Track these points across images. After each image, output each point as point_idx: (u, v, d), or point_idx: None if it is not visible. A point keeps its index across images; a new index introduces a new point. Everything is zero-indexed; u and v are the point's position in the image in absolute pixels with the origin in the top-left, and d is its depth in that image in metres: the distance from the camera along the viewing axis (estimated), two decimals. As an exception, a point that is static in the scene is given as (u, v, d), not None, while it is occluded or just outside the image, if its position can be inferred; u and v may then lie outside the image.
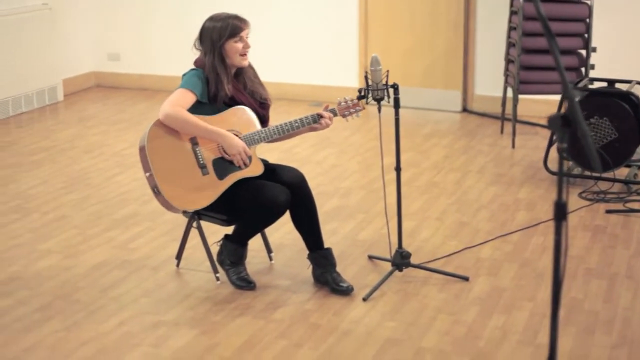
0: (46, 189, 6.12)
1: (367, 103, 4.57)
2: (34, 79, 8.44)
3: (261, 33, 8.71)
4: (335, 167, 6.57)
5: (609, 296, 4.41)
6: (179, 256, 4.80)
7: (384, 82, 4.48)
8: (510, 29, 7.25)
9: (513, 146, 7.01)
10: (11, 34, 8.15)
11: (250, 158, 4.38)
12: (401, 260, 4.58)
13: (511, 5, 7.21)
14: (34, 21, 8.41)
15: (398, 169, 4.57)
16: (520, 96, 7.31)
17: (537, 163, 6.50)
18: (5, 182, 6.28)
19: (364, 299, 4.37)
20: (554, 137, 6.03)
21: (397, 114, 4.51)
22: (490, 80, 8.02)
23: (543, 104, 7.60)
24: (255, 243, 4.88)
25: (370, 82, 4.48)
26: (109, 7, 9.32)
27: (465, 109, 8.23)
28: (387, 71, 4.53)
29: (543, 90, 7.03)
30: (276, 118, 4.54)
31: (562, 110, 2.78)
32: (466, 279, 4.60)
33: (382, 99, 4.47)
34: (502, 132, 7.42)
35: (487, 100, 8.11)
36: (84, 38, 9.32)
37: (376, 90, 4.46)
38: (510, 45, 7.23)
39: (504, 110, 7.42)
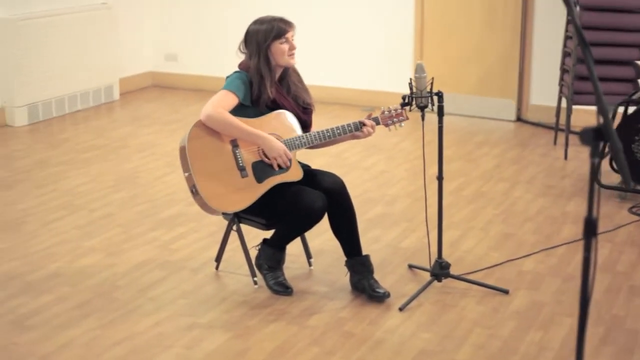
0: (95, 187, 6.18)
1: (410, 110, 4.53)
2: (91, 77, 8.55)
3: (315, 37, 8.74)
4: (383, 174, 6.54)
5: (652, 315, 4.32)
6: (218, 259, 4.81)
7: (428, 89, 4.42)
8: (567, 37, 7.15)
9: (565, 157, 6.90)
10: (70, 32, 8.26)
11: (290, 162, 4.37)
12: (440, 270, 4.54)
13: (568, 13, 7.10)
14: (93, 20, 8.52)
15: (440, 178, 4.52)
16: (575, 107, 7.21)
17: (587, 175, 6.39)
18: (57, 179, 6.36)
19: (400, 309, 4.34)
20: (606, 150, 5.95)
21: (440, 122, 4.47)
22: (546, 89, 7.92)
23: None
24: (295, 248, 4.88)
25: (414, 90, 4.42)
26: (168, 7, 9.40)
27: (519, 119, 8.13)
28: (432, 79, 4.48)
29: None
30: (328, 122, 4.53)
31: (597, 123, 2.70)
32: (506, 292, 4.53)
33: (425, 106, 4.43)
34: (555, 143, 7.32)
35: (542, 110, 8.00)
36: (142, 38, 9.42)
37: (420, 97, 4.41)
38: (565, 54, 7.12)
39: (557, 120, 7.32)
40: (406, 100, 4.45)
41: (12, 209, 5.76)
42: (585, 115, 7.48)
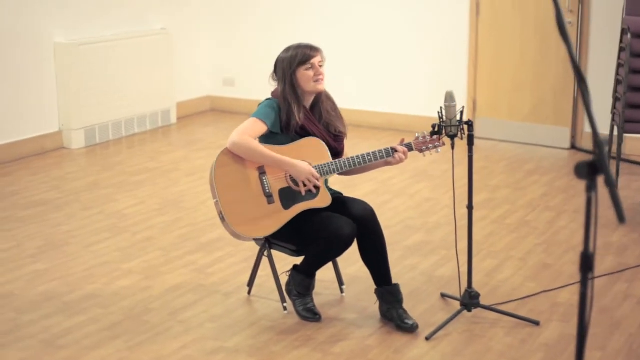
0: (141, 210, 6.28)
1: (439, 139, 4.50)
2: (149, 101, 8.70)
3: (371, 63, 8.76)
4: (428, 201, 6.51)
5: (685, 350, 4.22)
6: (250, 284, 4.84)
7: (458, 118, 4.40)
8: (619, 65, 7.04)
9: (616, 186, 6.78)
10: (128, 57, 8.43)
11: (318, 187, 4.38)
12: (470, 300, 4.50)
13: (620, 41, 7.00)
14: (152, 45, 8.68)
15: (470, 207, 4.48)
16: (628, 135, 7.10)
17: (638, 205, 6.27)
18: (105, 202, 6.48)
19: (427, 338, 4.31)
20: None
21: (470, 151, 4.41)
22: (601, 117, 7.78)
23: (654, 144, 7.35)
24: (328, 274, 4.90)
25: (444, 118, 4.40)
26: (226, 32, 9.53)
27: (573, 147, 8.03)
28: (463, 107, 4.45)
29: (650, 130, 6.79)
30: (379, 147, 4.51)
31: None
32: (537, 323, 4.47)
33: (455, 135, 4.39)
34: (607, 171, 7.19)
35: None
36: (200, 62, 9.56)
37: (450, 126, 4.39)
38: (618, 82, 7.01)
39: (610, 149, 7.20)
40: (435, 129, 4.43)
41: (57, 230, 5.88)
42: (639, 143, 7.36)
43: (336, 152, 4.55)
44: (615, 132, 7.02)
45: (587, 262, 2.64)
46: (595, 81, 7.83)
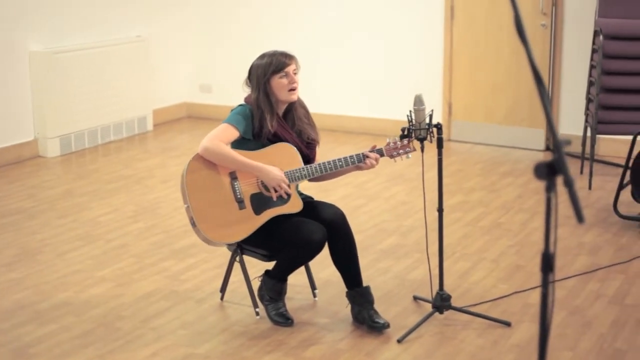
0: (115, 218, 6.27)
1: (409, 143, 4.51)
2: (124, 108, 8.69)
3: (345, 68, 8.78)
4: (403, 204, 6.52)
5: (656, 349, 4.24)
6: (223, 289, 4.84)
7: (427, 121, 4.41)
8: (591, 67, 7.09)
9: (590, 187, 6.82)
10: (104, 65, 8.42)
11: (289, 194, 4.39)
12: (441, 302, 4.51)
13: (593, 43, 7.05)
14: (127, 53, 8.67)
15: (440, 210, 4.50)
16: (602, 136, 7.15)
17: (610, 206, 6.30)
18: (79, 210, 6.46)
19: (399, 341, 4.32)
20: (625, 180, 5.87)
21: (440, 154, 4.43)
22: (575, 119, 7.84)
23: (627, 144, 7.36)
24: (301, 279, 4.90)
25: (413, 122, 4.41)
26: (203, 38, 9.53)
27: (548, 148, 8.06)
28: (432, 110, 4.47)
29: (622, 131, 6.83)
30: (357, 152, 4.51)
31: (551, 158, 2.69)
32: (508, 324, 4.49)
33: (424, 138, 4.40)
34: (581, 172, 7.24)
35: (572, 140, 7.90)
36: (177, 69, 9.56)
37: (419, 129, 4.40)
38: (591, 83, 7.06)
39: (584, 150, 7.25)
40: (405, 133, 4.44)
41: (31, 239, 5.86)
42: (613, 144, 7.40)
43: (308, 159, 4.55)
44: (589, 133, 7.06)
45: (547, 263, 2.66)
46: (569, 83, 7.88)
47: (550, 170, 2.62)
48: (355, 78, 8.84)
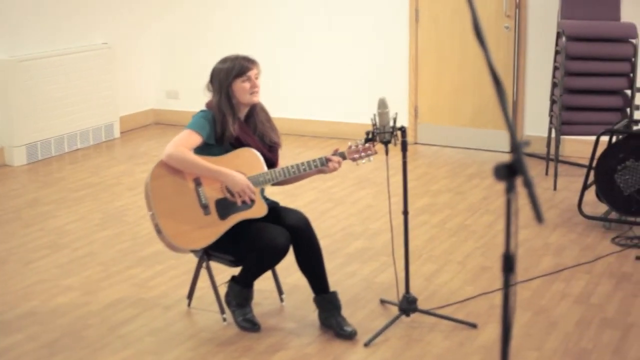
0: (82, 226, 6.24)
1: (373, 146, 4.53)
2: (91, 116, 8.66)
3: (309, 71, 8.80)
4: (369, 208, 6.54)
5: (620, 348, 4.28)
6: (190, 296, 4.83)
7: (391, 124, 4.43)
8: (555, 68, 7.15)
9: (555, 188, 6.88)
10: (70, 72, 8.38)
11: (253, 199, 4.39)
12: (408, 305, 4.53)
13: (556, 44, 7.11)
14: (93, 60, 8.64)
15: (405, 212, 4.52)
16: (567, 137, 7.21)
17: (575, 206, 6.35)
18: (45, 218, 6.43)
19: (366, 345, 4.33)
20: (589, 180, 5.92)
21: (404, 157, 4.45)
22: (539, 120, 7.90)
23: (591, 145, 7.42)
24: (268, 284, 4.90)
25: (377, 125, 4.43)
26: (169, 45, 9.51)
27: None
28: (396, 113, 4.49)
29: (586, 131, 6.89)
30: (322, 155, 4.52)
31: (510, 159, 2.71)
32: (474, 326, 4.51)
33: (389, 142, 4.42)
34: (547, 173, 7.30)
35: (536, 141, 7.95)
36: (143, 76, 9.54)
37: (383, 133, 4.42)
38: (554, 85, 7.12)
39: (548, 151, 7.30)
40: (369, 136, 4.46)
41: (-3, 248, 5.83)
42: (577, 144, 7.47)
43: (270, 163, 4.56)
44: (553, 134, 7.12)
45: (508, 263, 2.68)
46: (533, 85, 7.94)
47: (509, 171, 2.64)
48: (321, 82, 8.85)
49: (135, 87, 9.45)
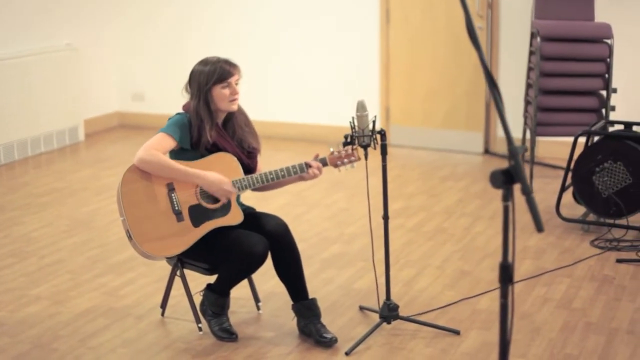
0: (49, 232, 6.06)
1: (352, 150, 4.41)
2: (55, 119, 8.46)
3: (280, 73, 8.68)
4: (344, 212, 6.43)
5: (606, 353, 4.20)
6: (163, 305, 4.68)
7: (370, 127, 4.31)
8: (529, 69, 7.08)
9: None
10: (34, 74, 8.18)
11: (229, 204, 4.25)
12: (389, 312, 4.42)
13: (530, 45, 7.04)
14: (57, 62, 8.45)
15: (386, 217, 4.41)
16: (542, 138, 7.15)
17: (552, 208, 6.27)
18: (10, 225, 6.24)
19: (347, 353, 4.21)
20: (567, 182, 5.85)
21: (384, 160, 4.34)
22: (513, 121, 7.82)
23: (567, 146, 7.37)
24: (244, 291, 4.77)
25: (356, 128, 4.31)
26: (134, 47, 9.34)
27: (487, 151, 8.04)
28: (375, 116, 4.37)
29: (561, 132, 6.83)
30: (296, 159, 4.39)
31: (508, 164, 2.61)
32: (457, 332, 4.41)
33: (368, 145, 4.30)
34: (521, 175, 7.20)
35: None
36: (108, 78, 9.35)
37: (362, 136, 4.30)
38: (528, 86, 7.05)
39: (523, 152, 7.22)
40: (348, 140, 4.34)
41: (-40, 257, 5.64)
42: (551, 146, 7.41)
43: (249, 169, 4.42)
44: (528, 136, 7.05)
45: (506, 273, 2.57)
46: (507, 85, 7.85)
47: (506, 178, 2.54)
48: (292, 84, 8.72)
49: (100, 89, 9.26)
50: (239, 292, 4.73)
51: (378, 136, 4.32)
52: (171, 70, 9.11)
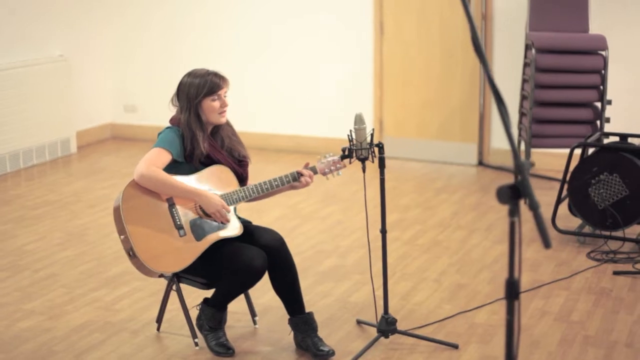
0: (42, 245, 6.02)
1: (350, 163, 4.39)
2: (47, 130, 8.41)
3: (273, 84, 8.65)
4: (339, 224, 6.40)
5: (605, 367, 4.18)
6: (159, 320, 4.64)
7: (368, 140, 4.29)
8: (524, 81, 7.07)
9: (526, 202, 6.76)
10: (26, 85, 8.14)
11: (228, 219, 4.22)
12: (387, 326, 4.39)
13: (525, 57, 7.03)
14: (49, 73, 8.40)
15: (383, 231, 4.38)
16: (537, 150, 7.13)
17: (548, 220, 6.25)
18: (3, 238, 6.19)
19: (345, 368, 4.18)
20: (563, 194, 5.84)
21: (382, 174, 4.32)
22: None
23: (562, 158, 7.35)
24: (240, 306, 4.73)
25: (354, 141, 4.29)
26: (126, 58, 9.30)
27: (481, 163, 8.03)
28: (373, 129, 4.35)
29: (557, 144, 6.83)
30: (287, 171, 4.37)
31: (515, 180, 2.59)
32: (456, 346, 4.38)
33: (366, 158, 4.28)
34: (516, 186, 7.19)
35: (504, 154, 7.91)
36: (100, 89, 9.31)
37: (360, 149, 4.28)
38: (523, 97, 7.04)
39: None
40: (346, 153, 4.32)
41: (-47, 271, 5.59)
42: (546, 157, 7.40)
43: (241, 178, 4.40)
44: (523, 147, 7.04)
45: (512, 289, 2.55)
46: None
47: (513, 194, 2.51)
48: (285, 96, 8.70)
49: (92, 101, 9.21)
50: (235, 307, 4.69)
51: (376, 149, 4.31)
52: (164, 81, 9.04)
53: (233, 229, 4.25)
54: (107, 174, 7.93)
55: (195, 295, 4.71)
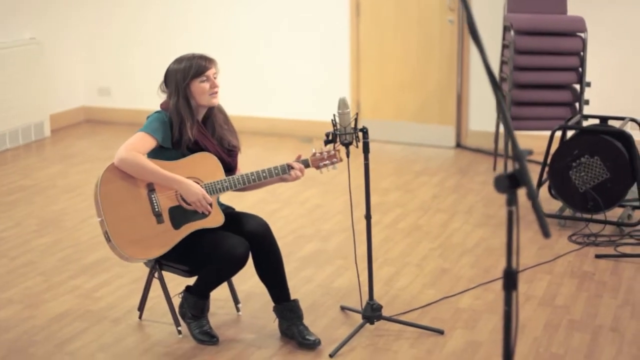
0: (18, 232, 5.92)
1: (334, 148, 4.34)
2: (20, 114, 8.29)
3: (250, 67, 8.57)
4: (319, 208, 6.35)
5: (591, 352, 4.17)
6: (141, 308, 4.58)
7: (352, 125, 4.23)
8: (502, 63, 7.04)
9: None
10: (-3, 69, 8.02)
11: (210, 206, 4.15)
12: (372, 312, 4.35)
13: (503, 38, 7.00)
14: (21, 56, 8.28)
15: (368, 217, 4.33)
16: (516, 132, 7.10)
17: (528, 202, 6.23)
18: (-23, 225, 6.10)
19: (331, 355, 4.14)
20: (544, 177, 5.82)
21: (366, 159, 4.27)
22: (485, 115, 7.80)
23: (541, 140, 7.34)
24: (223, 293, 4.68)
25: (338, 126, 4.23)
26: (99, 41, 9.18)
27: (459, 145, 8.01)
28: (357, 114, 4.30)
29: (536, 126, 6.81)
30: (265, 154, 4.32)
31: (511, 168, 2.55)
32: (441, 332, 4.36)
33: (350, 143, 4.23)
34: (495, 169, 7.20)
35: (481, 136, 7.89)
36: (74, 73, 9.18)
37: (344, 134, 4.22)
38: (502, 79, 7.01)
39: (496, 146, 7.20)
40: (329, 138, 4.27)
41: None
42: (525, 139, 7.37)
43: (229, 168, 4.33)
44: (501, 129, 7.01)
45: (510, 280, 2.52)
46: (479, 79, 7.84)
47: (511, 183, 2.48)
48: (261, 78, 8.62)
49: (66, 84, 9.09)
50: (218, 293, 4.63)
51: (360, 134, 4.25)
52: (138, 64, 8.97)
53: (214, 219, 4.17)
54: (82, 158, 7.82)
55: (178, 282, 4.65)
